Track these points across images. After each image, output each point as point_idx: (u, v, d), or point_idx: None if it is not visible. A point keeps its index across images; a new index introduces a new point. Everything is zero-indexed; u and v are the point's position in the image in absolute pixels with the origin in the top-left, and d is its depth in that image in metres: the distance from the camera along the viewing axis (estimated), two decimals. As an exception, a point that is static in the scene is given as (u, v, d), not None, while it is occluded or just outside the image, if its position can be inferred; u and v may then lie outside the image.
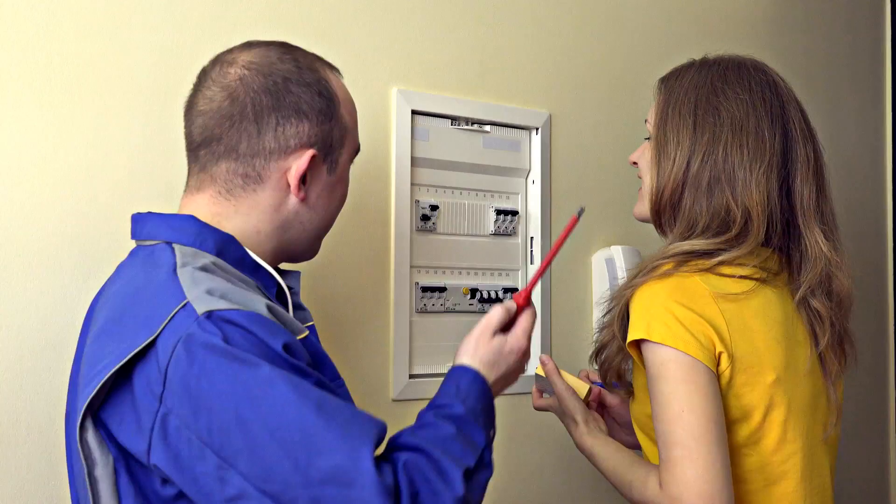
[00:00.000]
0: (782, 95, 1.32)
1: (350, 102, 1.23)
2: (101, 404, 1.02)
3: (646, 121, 1.37)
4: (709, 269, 1.24)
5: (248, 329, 0.99)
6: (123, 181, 1.38)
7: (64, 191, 1.34)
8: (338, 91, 1.20)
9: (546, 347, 1.80)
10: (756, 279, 1.26)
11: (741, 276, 1.25)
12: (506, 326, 1.20)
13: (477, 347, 1.17)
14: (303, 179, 1.16)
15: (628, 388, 1.35)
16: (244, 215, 1.15)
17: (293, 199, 1.16)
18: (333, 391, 1.02)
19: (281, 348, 0.99)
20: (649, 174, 1.34)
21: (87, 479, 1.01)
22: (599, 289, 1.88)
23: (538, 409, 1.53)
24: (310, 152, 1.15)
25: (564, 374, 1.48)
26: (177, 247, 1.10)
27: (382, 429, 0.99)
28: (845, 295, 1.31)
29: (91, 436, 1.01)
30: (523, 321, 1.21)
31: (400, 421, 1.18)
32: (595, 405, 1.51)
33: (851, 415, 2.42)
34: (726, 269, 1.25)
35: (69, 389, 1.18)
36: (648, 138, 1.36)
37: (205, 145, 1.15)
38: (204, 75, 1.17)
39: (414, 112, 1.67)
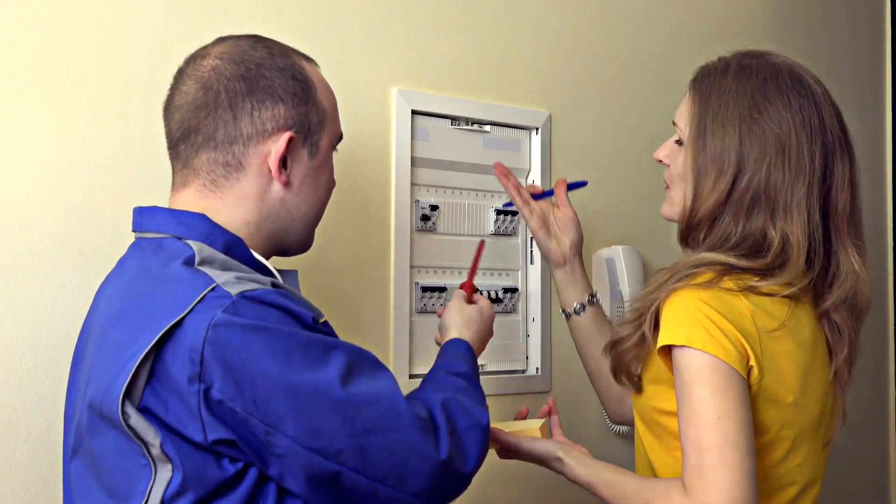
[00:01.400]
0: (820, 107, 1.29)
1: (327, 88, 1.23)
2: (141, 394, 1.02)
3: (674, 122, 1.34)
4: (749, 289, 1.23)
5: (280, 305, 1.04)
6: (123, 181, 1.38)
7: (64, 191, 1.34)
8: (312, 76, 1.20)
9: (546, 347, 1.80)
10: (793, 299, 1.25)
11: (779, 295, 1.24)
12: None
13: (463, 319, 1.38)
14: (284, 164, 1.16)
15: (636, 382, 1.34)
16: (232, 206, 1.15)
17: (277, 185, 1.16)
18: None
19: (311, 320, 1.07)
20: (684, 185, 1.31)
21: (148, 457, 1.01)
22: (599, 288, 1.88)
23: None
24: (287, 134, 1.15)
25: (514, 430, 1.42)
26: (191, 242, 1.10)
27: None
28: (865, 307, 1.31)
29: (135, 420, 1.01)
30: (482, 299, 1.45)
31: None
32: (558, 421, 1.46)
33: (851, 415, 2.42)
34: (766, 288, 1.24)
35: (70, 388, 1.18)
36: (679, 141, 1.34)
37: (184, 139, 1.15)
38: (179, 74, 1.18)
39: (414, 112, 1.67)
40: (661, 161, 1.38)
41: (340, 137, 1.26)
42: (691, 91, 1.34)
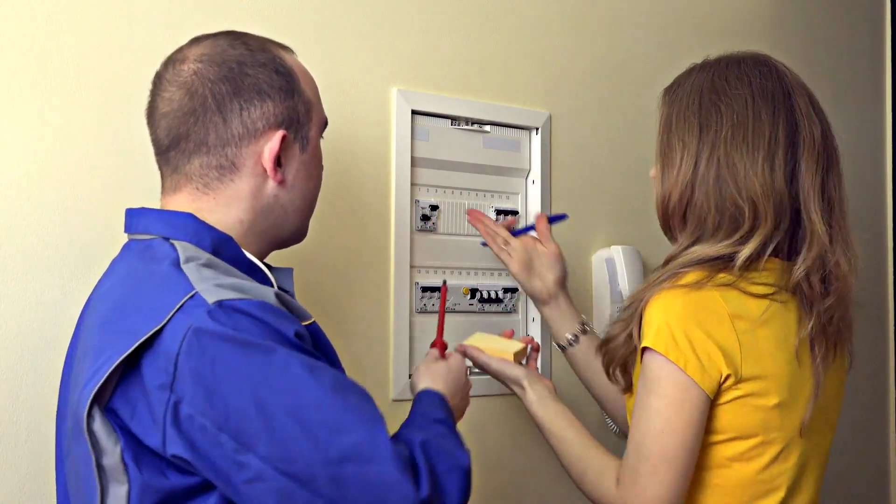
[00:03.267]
0: (785, 83, 1.31)
1: (308, 76, 1.22)
2: (110, 395, 1.01)
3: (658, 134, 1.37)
4: (731, 285, 1.23)
5: (258, 318, 1.00)
6: (124, 181, 1.38)
7: (64, 190, 1.34)
8: (294, 67, 1.19)
9: (547, 347, 1.80)
10: (774, 299, 1.25)
11: (761, 296, 1.24)
12: None
13: (431, 374, 1.32)
14: (278, 162, 1.15)
15: (629, 382, 1.35)
16: (224, 206, 1.14)
17: (271, 184, 1.16)
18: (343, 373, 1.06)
19: (292, 335, 1.02)
20: (657, 181, 1.34)
21: (94, 469, 1.00)
22: (599, 289, 1.88)
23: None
24: (280, 133, 1.14)
25: (487, 343, 1.49)
26: (176, 242, 1.10)
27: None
28: (842, 282, 1.28)
29: (98, 425, 1.00)
30: (454, 356, 1.40)
31: (400, 421, 1.18)
32: (536, 356, 1.54)
33: (851, 415, 2.42)
34: (749, 287, 1.24)
35: (61, 388, 1.18)
36: None
37: (174, 146, 1.14)
38: (159, 79, 1.17)
39: (414, 112, 1.67)
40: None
41: (326, 124, 1.25)
42: (662, 98, 1.36)
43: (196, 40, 1.18)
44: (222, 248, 1.12)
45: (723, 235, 1.26)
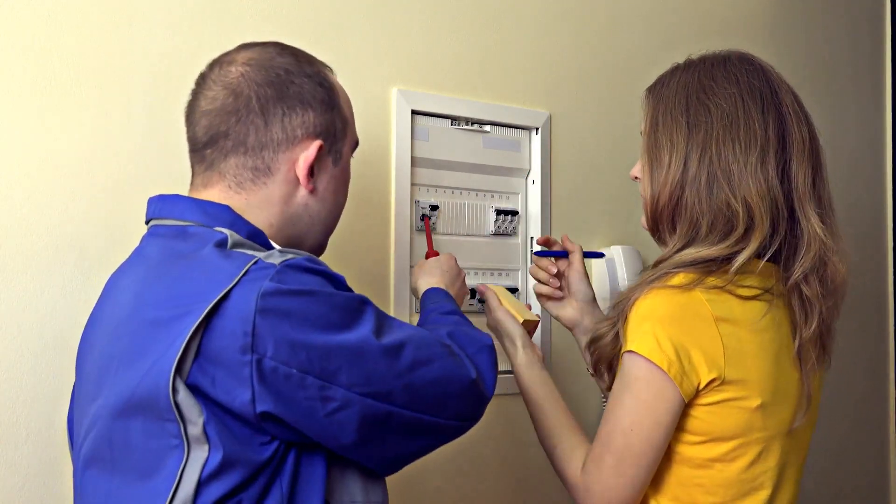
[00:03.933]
0: (772, 81, 1.30)
1: (346, 97, 1.25)
2: (189, 367, 1.02)
3: (641, 133, 1.36)
4: (721, 288, 1.23)
5: (318, 270, 1.09)
6: (123, 181, 1.38)
7: (64, 191, 1.34)
8: (335, 84, 1.23)
9: (547, 347, 1.80)
10: (763, 300, 1.25)
11: (750, 297, 1.24)
12: None
13: (425, 271, 1.47)
14: (310, 171, 1.17)
15: (612, 380, 1.34)
16: (256, 209, 1.16)
17: (302, 192, 1.18)
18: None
19: (344, 280, 1.13)
20: (643, 181, 1.33)
21: (182, 436, 1.01)
22: (599, 289, 1.88)
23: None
24: (317, 143, 1.17)
25: (504, 299, 1.51)
26: (220, 228, 1.11)
27: None
28: (839, 282, 1.28)
29: (182, 396, 1.01)
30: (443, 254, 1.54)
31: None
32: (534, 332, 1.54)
33: (851, 415, 2.42)
34: (738, 290, 1.23)
35: (79, 387, 1.17)
36: None
37: (211, 143, 1.16)
38: (203, 79, 1.18)
39: (414, 112, 1.67)
40: (636, 178, 1.38)
41: (357, 144, 1.28)
42: (646, 97, 1.35)
43: (244, 46, 1.20)
44: (256, 240, 1.13)
45: (717, 237, 1.25)
